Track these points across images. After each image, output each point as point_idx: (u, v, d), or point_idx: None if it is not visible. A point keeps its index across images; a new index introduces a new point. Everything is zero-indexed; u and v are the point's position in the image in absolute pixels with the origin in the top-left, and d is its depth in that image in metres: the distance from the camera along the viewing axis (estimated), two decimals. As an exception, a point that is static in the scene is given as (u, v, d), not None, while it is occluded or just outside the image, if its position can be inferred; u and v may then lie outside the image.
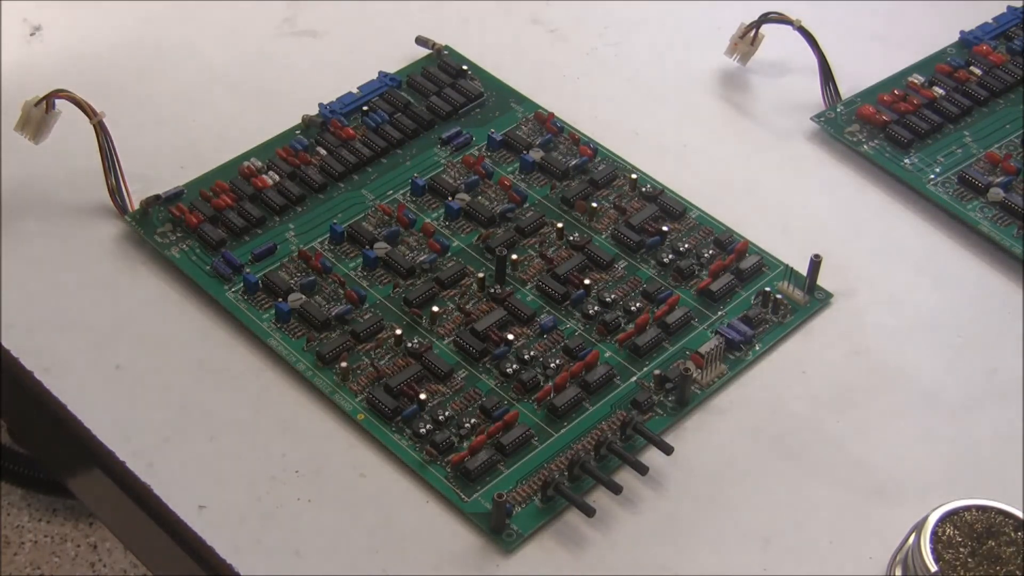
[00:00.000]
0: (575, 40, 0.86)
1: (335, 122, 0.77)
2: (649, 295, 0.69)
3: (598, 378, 0.65)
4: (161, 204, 0.72)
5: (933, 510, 0.57)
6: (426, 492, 0.61)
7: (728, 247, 0.71)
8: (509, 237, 0.71)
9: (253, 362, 0.66)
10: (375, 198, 0.74)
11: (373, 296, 0.69)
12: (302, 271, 0.70)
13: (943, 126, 0.79)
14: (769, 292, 0.69)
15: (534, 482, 0.61)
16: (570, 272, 0.69)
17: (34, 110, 0.73)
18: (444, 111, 0.79)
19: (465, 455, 0.61)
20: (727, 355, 0.67)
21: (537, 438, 0.63)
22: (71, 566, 1.29)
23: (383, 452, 0.62)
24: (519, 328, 0.67)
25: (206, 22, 0.86)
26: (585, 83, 0.83)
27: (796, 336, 0.69)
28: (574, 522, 0.60)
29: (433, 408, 0.64)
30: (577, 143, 0.77)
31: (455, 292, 0.69)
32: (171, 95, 0.81)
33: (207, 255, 0.70)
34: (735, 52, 0.83)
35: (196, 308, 0.68)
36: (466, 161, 0.76)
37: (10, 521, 1.32)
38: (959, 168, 0.76)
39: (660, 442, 0.62)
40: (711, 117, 0.81)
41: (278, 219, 0.72)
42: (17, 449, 1.31)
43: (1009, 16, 0.86)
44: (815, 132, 0.80)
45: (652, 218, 0.73)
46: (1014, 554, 0.55)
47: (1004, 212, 0.74)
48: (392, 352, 0.66)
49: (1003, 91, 0.81)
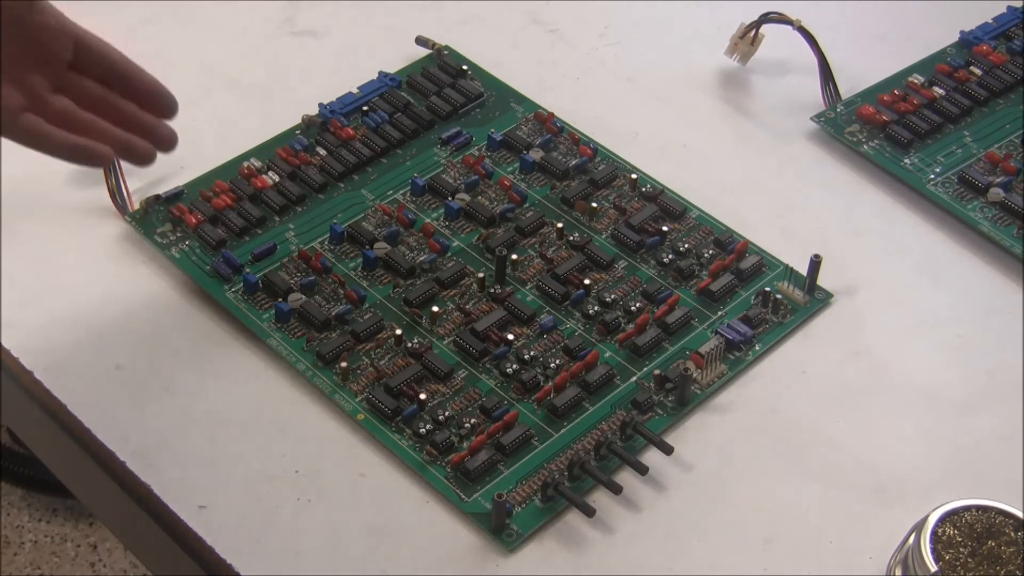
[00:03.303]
0: (575, 40, 0.86)
1: (335, 122, 0.77)
2: (649, 295, 0.69)
3: (598, 378, 0.65)
4: (161, 204, 0.72)
5: (933, 510, 0.57)
6: (426, 492, 0.61)
7: (728, 247, 0.71)
8: (509, 237, 0.71)
9: (253, 362, 0.66)
10: (375, 198, 0.74)
11: (373, 296, 0.69)
12: (302, 271, 0.70)
13: (943, 126, 0.79)
14: (769, 292, 0.69)
15: (534, 482, 0.61)
16: (570, 272, 0.69)
17: (34, 110, 0.73)
18: (444, 111, 0.79)
19: (465, 455, 0.61)
20: (727, 355, 0.67)
21: (537, 438, 0.63)
22: (71, 566, 1.29)
23: (383, 452, 0.62)
24: (519, 328, 0.67)
25: (206, 22, 0.86)
26: (585, 83, 0.83)
27: (796, 336, 0.69)
28: (574, 522, 0.60)
29: (433, 408, 0.63)
30: (577, 143, 0.77)
31: (455, 292, 0.69)
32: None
33: (207, 255, 0.70)
34: (735, 52, 0.83)
35: (196, 308, 0.68)
36: (466, 161, 0.76)
37: (10, 521, 1.32)
38: (959, 168, 0.76)
39: (660, 442, 0.62)
40: (711, 117, 0.81)
41: (278, 219, 0.72)
42: (17, 449, 1.31)
43: (1009, 16, 0.86)
44: (815, 132, 0.80)
45: (652, 218, 0.73)
46: (1014, 554, 0.55)
47: (1004, 212, 0.74)
48: (392, 352, 0.66)
49: (1003, 91, 0.81)
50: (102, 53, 0.63)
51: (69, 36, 0.62)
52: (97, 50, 0.63)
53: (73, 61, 0.63)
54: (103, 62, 0.63)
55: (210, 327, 0.68)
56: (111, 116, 0.64)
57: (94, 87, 0.63)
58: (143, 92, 0.65)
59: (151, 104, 0.65)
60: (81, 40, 0.63)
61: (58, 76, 0.62)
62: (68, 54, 0.62)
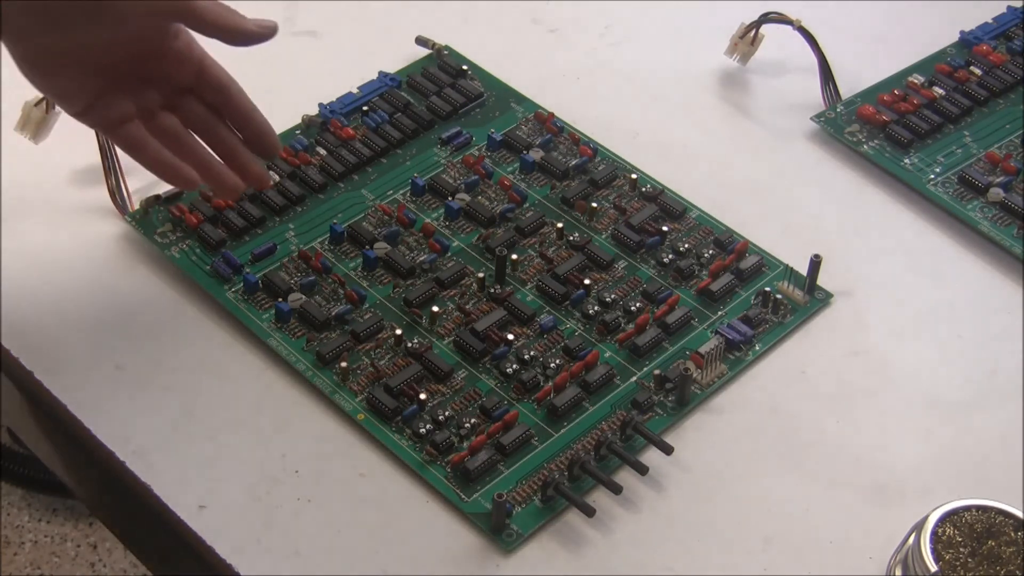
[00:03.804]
0: (575, 40, 0.86)
1: (335, 122, 0.77)
2: (649, 295, 0.69)
3: (598, 378, 0.65)
4: (161, 204, 0.72)
5: (933, 510, 0.57)
6: (426, 492, 0.61)
7: (728, 247, 0.71)
8: (509, 237, 0.71)
9: (253, 362, 0.66)
10: (375, 198, 0.74)
11: (373, 296, 0.69)
12: (302, 271, 0.70)
13: (943, 126, 0.79)
14: (769, 292, 0.69)
15: (534, 482, 0.61)
16: (570, 272, 0.69)
17: (34, 110, 0.73)
18: (444, 111, 0.79)
19: (465, 455, 0.61)
20: (727, 355, 0.67)
21: (537, 438, 0.63)
22: (71, 566, 1.29)
23: (383, 452, 0.62)
24: (519, 328, 0.67)
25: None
26: (585, 83, 0.83)
27: (796, 336, 0.69)
28: (574, 522, 0.60)
29: (433, 408, 0.64)
30: (577, 143, 0.77)
31: (455, 292, 0.69)
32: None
33: (207, 255, 0.70)
34: (735, 52, 0.83)
35: (196, 308, 0.68)
36: (466, 161, 0.76)
37: (10, 521, 1.32)
38: (959, 168, 0.76)
39: (660, 442, 0.62)
40: (711, 117, 0.81)
41: (278, 219, 0.72)
42: (17, 449, 1.31)
43: (1009, 16, 0.86)
44: (815, 132, 0.80)
45: (652, 218, 0.73)
46: (1014, 554, 0.55)
47: (1004, 212, 0.74)
48: (392, 352, 0.66)
49: (1003, 91, 0.81)
50: (221, 83, 0.65)
51: (195, 63, 0.64)
52: (217, 80, 0.65)
53: (192, 85, 0.65)
54: (220, 92, 0.65)
55: (210, 327, 0.68)
56: (213, 142, 0.66)
57: (204, 112, 0.65)
58: (250, 129, 0.66)
59: (254, 142, 0.67)
60: (205, 68, 0.65)
61: (173, 95, 0.65)
62: (189, 79, 0.64)
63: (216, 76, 0.65)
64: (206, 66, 0.65)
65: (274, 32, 0.64)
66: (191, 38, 0.64)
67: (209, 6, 0.62)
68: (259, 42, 0.64)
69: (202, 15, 0.62)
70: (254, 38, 0.64)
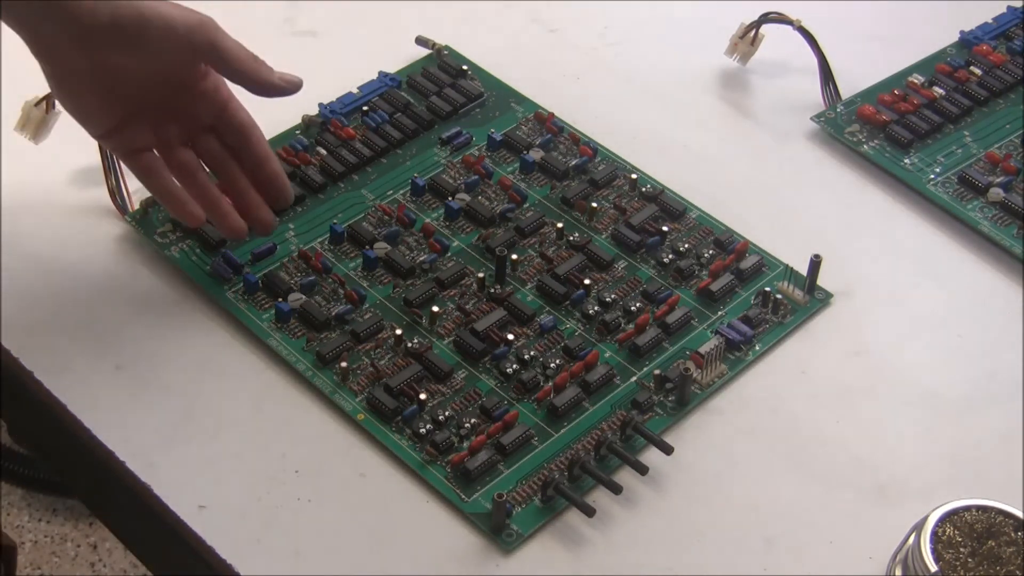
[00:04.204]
0: (575, 40, 0.86)
1: (335, 122, 0.77)
2: (649, 295, 0.69)
3: (598, 378, 0.65)
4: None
5: (933, 510, 0.57)
6: (426, 492, 0.61)
7: (728, 247, 0.71)
8: (509, 237, 0.71)
9: (253, 362, 0.66)
10: (375, 198, 0.74)
11: (373, 296, 0.69)
12: (302, 271, 0.70)
13: (943, 126, 0.79)
14: (769, 292, 0.69)
15: (534, 482, 0.61)
16: (570, 272, 0.69)
17: (34, 110, 0.73)
18: (444, 111, 0.79)
19: (465, 455, 0.61)
20: (727, 355, 0.67)
21: (537, 438, 0.63)
22: (71, 566, 1.29)
23: (383, 452, 0.62)
24: (519, 328, 0.67)
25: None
26: (585, 83, 0.83)
27: (796, 336, 0.69)
28: (574, 522, 0.60)
29: (433, 408, 0.64)
30: (577, 143, 0.77)
31: (455, 292, 0.69)
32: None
33: (207, 255, 0.70)
34: (735, 52, 0.83)
35: (196, 308, 0.68)
36: (466, 161, 0.76)
37: (10, 521, 1.32)
38: (959, 168, 0.76)
39: (660, 442, 0.62)
40: (711, 117, 0.81)
41: (278, 219, 0.72)
42: (17, 449, 1.31)
43: (1009, 16, 0.86)
44: (815, 132, 0.80)
45: (652, 218, 0.73)
46: (1014, 554, 0.55)
47: (1004, 212, 0.74)
48: (392, 352, 0.66)
49: (1003, 91, 0.81)
50: (243, 126, 0.67)
51: (220, 104, 0.66)
52: (239, 123, 0.66)
53: (214, 124, 0.66)
54: (240, 134, 0.67)
55: (210, 327, 0.68)
56: (225, 182, 0.67)
57: (220, 151, 0.67)
58: (263, 175, 0.68)
59: (265, 188, 0.68)
60: (227, 110, 0.66)
61: (194, 131, 0.66)
62: (211, 118, 0.66)
63: (239, 118, 0.66)
64: (231, 108, 0.66)
65: (298, 88, 0.66)
66: (220, 80, 0.65)
67: (240, 53, 0.64)
68: (281, 95, 0.66)
69: (231, 61, 0.63)
70: (276, 91, 0.66)
